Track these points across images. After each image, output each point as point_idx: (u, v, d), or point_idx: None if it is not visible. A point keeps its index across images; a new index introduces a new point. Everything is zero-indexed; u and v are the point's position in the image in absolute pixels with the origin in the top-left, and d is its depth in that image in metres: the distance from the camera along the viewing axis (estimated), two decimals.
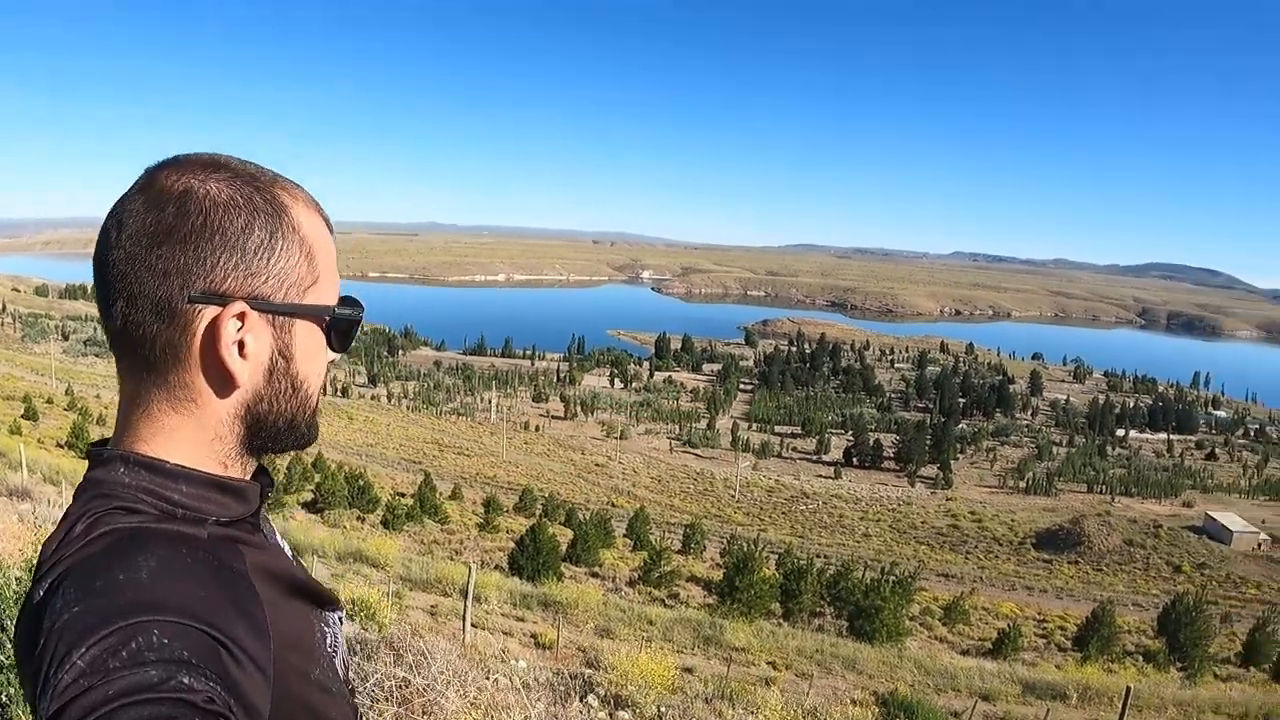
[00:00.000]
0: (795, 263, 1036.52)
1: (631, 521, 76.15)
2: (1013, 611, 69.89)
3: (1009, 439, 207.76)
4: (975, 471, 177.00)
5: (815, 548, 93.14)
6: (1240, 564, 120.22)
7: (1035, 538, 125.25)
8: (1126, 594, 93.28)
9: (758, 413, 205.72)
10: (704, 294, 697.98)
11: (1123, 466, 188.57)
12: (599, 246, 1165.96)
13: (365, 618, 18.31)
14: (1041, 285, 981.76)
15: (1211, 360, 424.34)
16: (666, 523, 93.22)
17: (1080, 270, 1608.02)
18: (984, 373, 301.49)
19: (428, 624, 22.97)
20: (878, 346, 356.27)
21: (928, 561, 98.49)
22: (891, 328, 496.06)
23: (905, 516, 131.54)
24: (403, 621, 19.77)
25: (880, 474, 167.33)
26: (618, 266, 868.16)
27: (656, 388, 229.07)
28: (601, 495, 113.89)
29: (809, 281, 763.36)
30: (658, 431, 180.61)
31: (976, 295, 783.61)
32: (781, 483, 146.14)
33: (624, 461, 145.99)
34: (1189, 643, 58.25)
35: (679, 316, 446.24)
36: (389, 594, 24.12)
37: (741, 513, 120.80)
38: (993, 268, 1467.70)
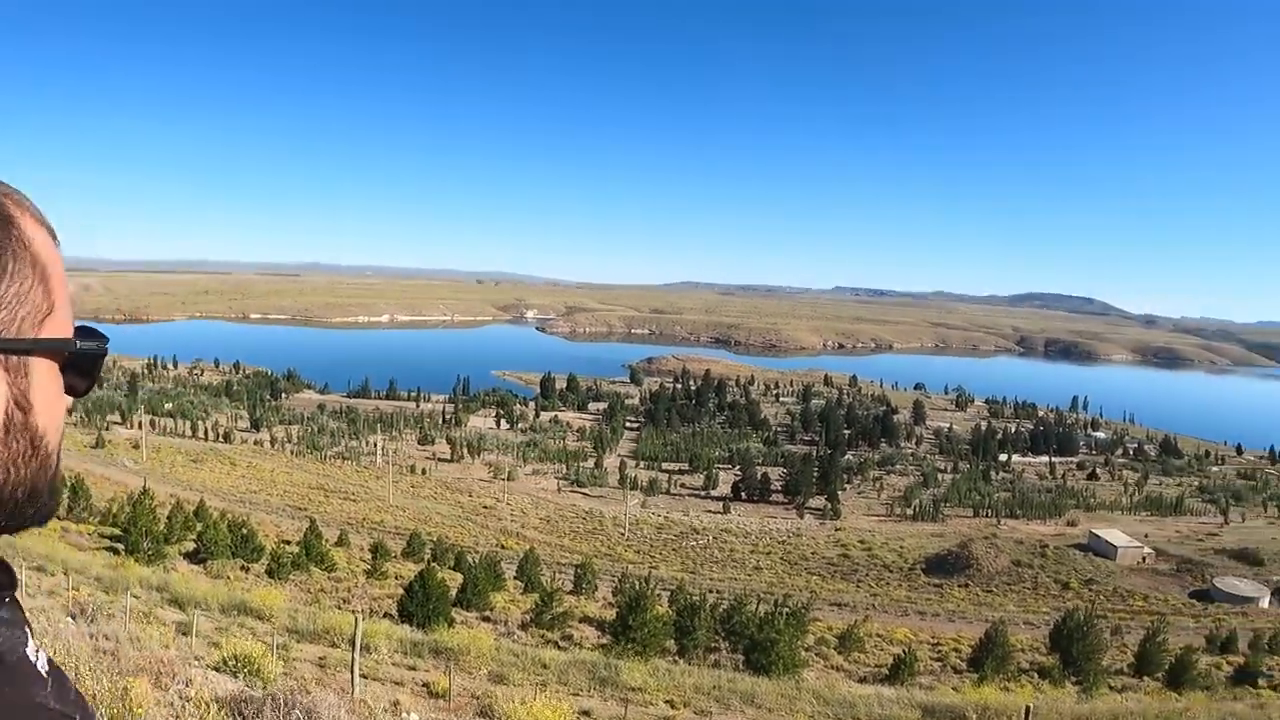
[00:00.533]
0: (679, 300, 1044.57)
1: (522, 563, 75.47)
2: (907, 637, 70.41)
3: (895, 468, 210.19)
4: (863, 501, 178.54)
5: (707, 583, 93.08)
6: (1126, 578, 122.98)
7: (925, 563, 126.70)
8: (1017, 613, 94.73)
9: (645, 450, 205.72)
10: (589, 333, 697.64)
11: (1007, 490, 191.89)
12: (483, 286, 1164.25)
13: (249, 673, 17.63)
14: (922, 317, 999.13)
15: (1089, 384, 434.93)
16: (557, 563, 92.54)
17: (960, 302, 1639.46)
18: (868, 404, 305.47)
19: (316, 677, 22.30)
20: (762, 381, 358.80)
21: (820, 591, 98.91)
22: (776, 362, 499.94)
23: (796, 548, 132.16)
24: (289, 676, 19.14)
25: (769, 507, 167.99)
26: (502, 306, 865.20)
27: (543, 428, 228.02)
28: (490, 537, 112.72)
29: (693, 319, 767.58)
30: (545, 472, 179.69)
31: (859, 328, 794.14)
32: (671, 519, 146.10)
33: (512, 503, 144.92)
34: (1082, 657, 59.31)
35: (564, 356, 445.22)
36: (274, 647, 23.34)
37: (632, 551, 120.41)
38: (874, 301, 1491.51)
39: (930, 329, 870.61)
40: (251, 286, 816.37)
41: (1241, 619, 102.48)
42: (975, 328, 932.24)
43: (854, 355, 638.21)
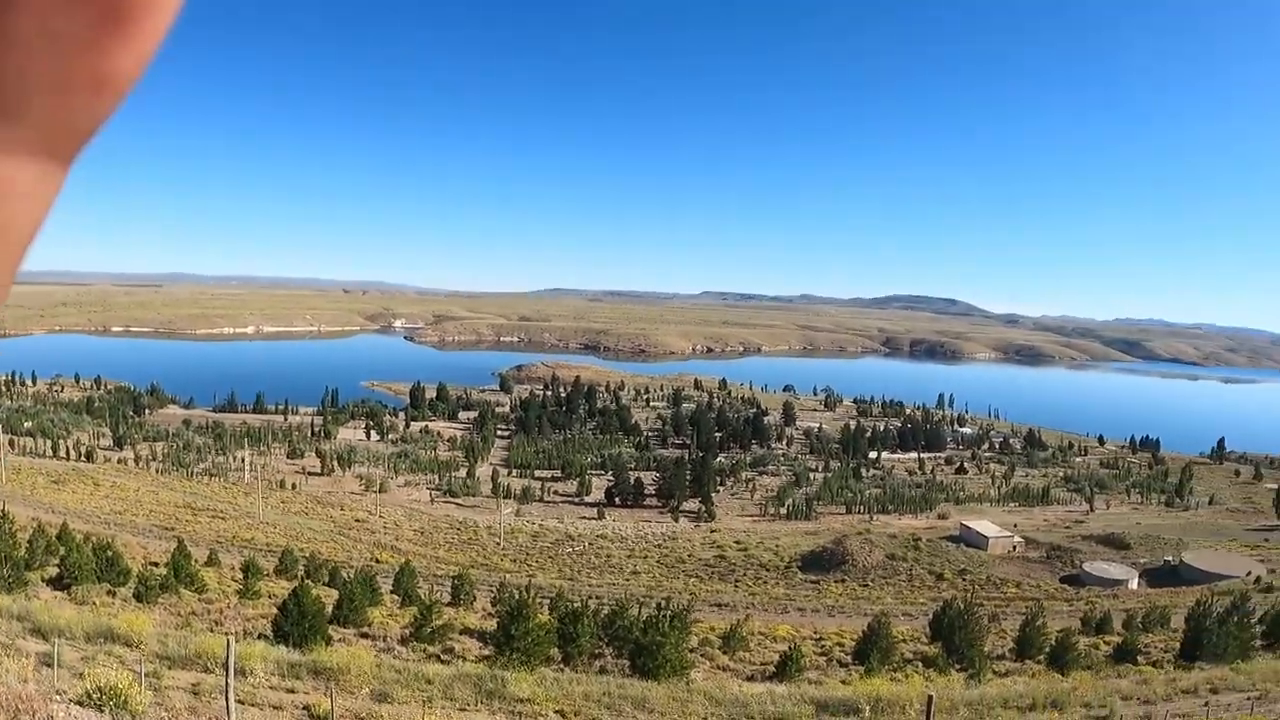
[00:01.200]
0: (548, 307, 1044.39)
1: (398, 577, 73.91)
2: (790, 633, 70.52)
3: (767, 469, 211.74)
4: (737, 502, 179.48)
5: (586, 589, 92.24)
6: (998, 566, 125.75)
7: (801, 560, 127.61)
8: (896, 605, 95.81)
9: (517, 458, 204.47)
10: (458, 341, 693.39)
11: (878, 486, 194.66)
12: (350, 296, 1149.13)
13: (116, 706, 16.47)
14: (790, 320, 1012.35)
15: (954, 382, 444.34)
16: (434, 575, 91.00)
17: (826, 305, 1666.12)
18: (738, 407, 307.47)
19: (189, 705, 21.11)
20: (633, 386, 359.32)
21: (699, 593, 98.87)
22: (645, 368, 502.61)
23: (672, 551, 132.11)
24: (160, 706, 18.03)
25: (643, 511, 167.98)
26: (370, 316, 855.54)
27: (414, 438, 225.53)
28: (364, 551, 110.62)
29: (562, 325, 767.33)
30: (418, 483, 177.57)
31: (727, 332, 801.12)
32: (546, 527, 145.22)
33: (385, 515, 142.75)
34: (964, 644, 60.05)
35: (433, 365, 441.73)
36: (143, 676, 22.05)
37: (508, 560, 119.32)
38: (742, 305, 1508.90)
39: (798, 332, 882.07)
40: (112, 298, 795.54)
41: (1113, 601, 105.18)
42: (842, 330, 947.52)
43: (723, 359, 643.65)
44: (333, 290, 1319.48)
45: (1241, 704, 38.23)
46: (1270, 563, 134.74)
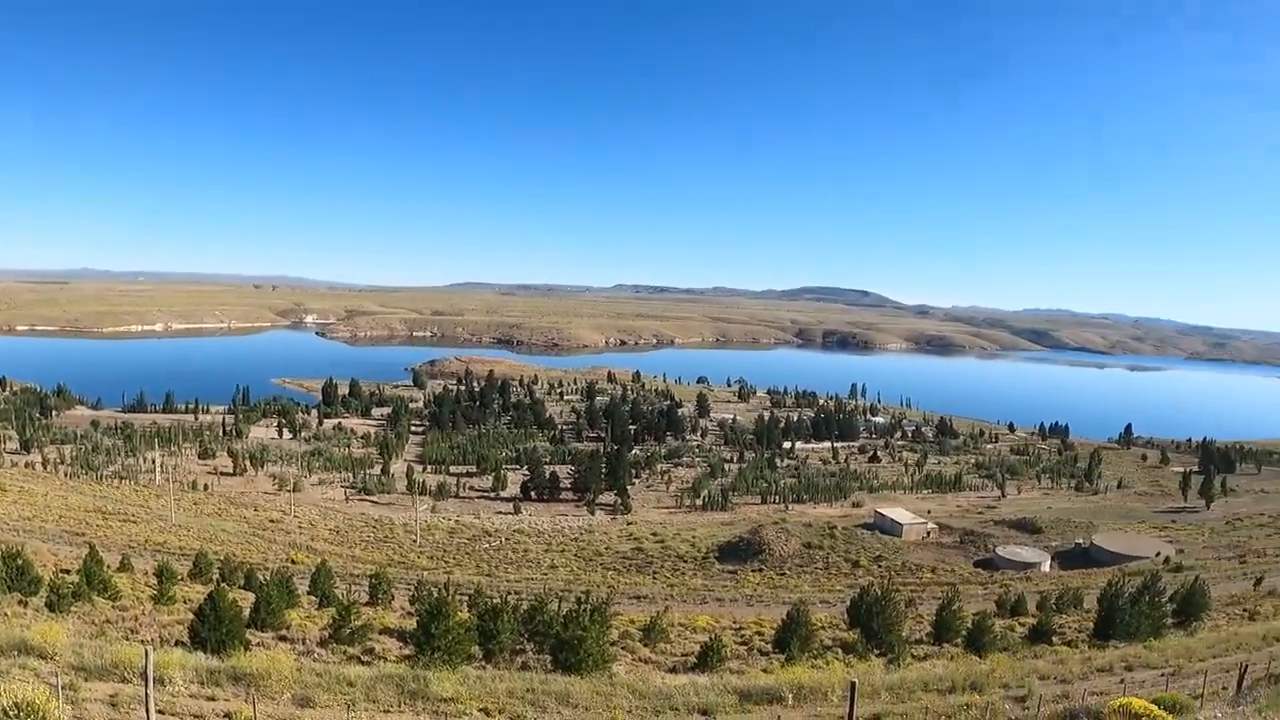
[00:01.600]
0: (460, 301, 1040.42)
1: (314, 577, 73.08)
2: (709, 624, 70.77)
3: (682, 460, 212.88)
4: (653, 494, 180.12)
5: (505, 585, 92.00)
6: (913, 552, 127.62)
7: (718, 551, 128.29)
8: (813, 593, 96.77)
9: (432, 454, 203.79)
10: (370, 336, 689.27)
11: (793, 476, 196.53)
12: (260, 291, 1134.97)
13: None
14: (703, 312, 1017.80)
15: (866, 372, 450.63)
16: (351, 575, 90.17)
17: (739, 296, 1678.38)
18: (652, 399, 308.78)
19: (108, 717, 20.70)
20: (546, 380, 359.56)
21: (618, 586, 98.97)
22: (559, 361, 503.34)
23: (589, 544, 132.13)
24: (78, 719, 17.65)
25: (560, 505, 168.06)
26: (280, 311, 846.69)
27: (327, 435, 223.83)
28: (280, 552, 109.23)
29: (475, 319, 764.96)
30: (332, 481, 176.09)
31: (640, 325, 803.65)
32: (462, 523, 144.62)
33: (300, 515, 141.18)
34: (883, 630, 60.84)
35: (346, 361, 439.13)
36: (59, 689, 21.53)
37: (425, 557, 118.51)
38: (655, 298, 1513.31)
39: (711, 324, 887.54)
40: (15, 296, 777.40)
41: (1026, 583, 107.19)
42: (755, 321, 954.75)
43: (636, 351, 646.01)
44: (243, 286, 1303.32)
45: (1156, 680, 39.07)
46: (1178, 543, 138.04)
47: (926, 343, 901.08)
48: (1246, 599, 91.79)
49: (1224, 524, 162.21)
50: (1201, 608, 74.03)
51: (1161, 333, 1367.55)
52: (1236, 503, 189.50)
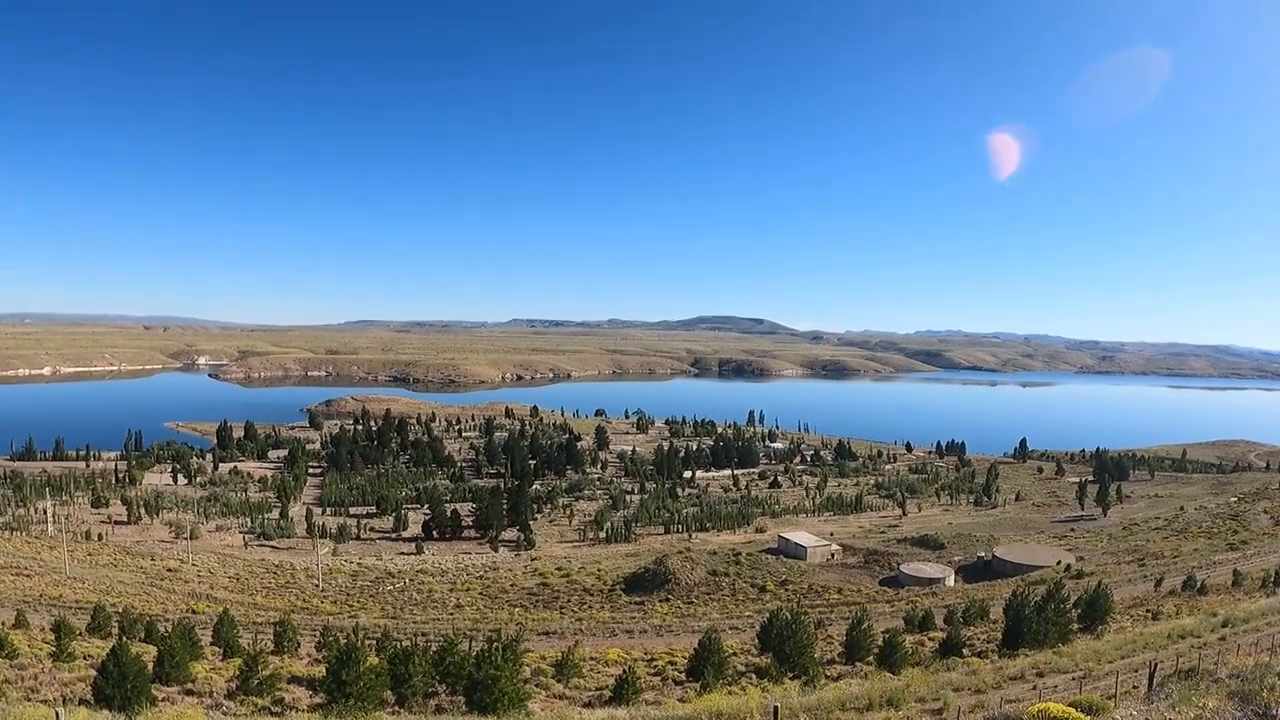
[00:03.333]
0: (355, 339, 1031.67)
1: (217, 627, 71.66)
2: (621, 656, 70.45)
3: (583, 493, 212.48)
4: (556, 529, 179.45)
5: (412, 627, 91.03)
6: (819, 574, 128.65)
7: (624, 582, 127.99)
8: (722, 620, 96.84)
9: (330, 496, 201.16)
10: (264, 378, 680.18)
11: (695, 505, 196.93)
12: (151, 332, 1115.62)
13: None
14: (599, 345, 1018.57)
15: (763, 399, 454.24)
16: (254, 623, 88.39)
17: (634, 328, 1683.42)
18: (551, 433, 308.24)
19: None
20: (444, 418, 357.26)
21: (526, 623, 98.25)
22: (456, 398, 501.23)
23: (494, 582, 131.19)
24: None
25: (462, 543, 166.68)
26: (172, 353, 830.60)
27: (223, 480, 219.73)
28: (180, 602, 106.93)
29: (370, 358, 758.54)
30: (230, 527, 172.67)
31: (537, 359, 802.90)
32: (365, 565, 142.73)
33: (199, 563, 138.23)
34: (795, 652, 61.06)
35: (240, 403, 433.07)
36: None
37: (329, 602, 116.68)
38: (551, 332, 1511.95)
39: (607, 356, 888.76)
40: None
41: (932, 598, 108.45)
42: (651, 352, 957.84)
43: (534, 386, 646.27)
44: (133, 327, 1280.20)
45: (1068, 684, 39.73)
46: (1078, 551, 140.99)
47: (822, 368, 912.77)
48: (1149, 600, 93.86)
49: (1121, 529, 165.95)
50: (1106, 611, 75.50)
51: (1051, 349, 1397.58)
52: (1132, 508, 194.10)
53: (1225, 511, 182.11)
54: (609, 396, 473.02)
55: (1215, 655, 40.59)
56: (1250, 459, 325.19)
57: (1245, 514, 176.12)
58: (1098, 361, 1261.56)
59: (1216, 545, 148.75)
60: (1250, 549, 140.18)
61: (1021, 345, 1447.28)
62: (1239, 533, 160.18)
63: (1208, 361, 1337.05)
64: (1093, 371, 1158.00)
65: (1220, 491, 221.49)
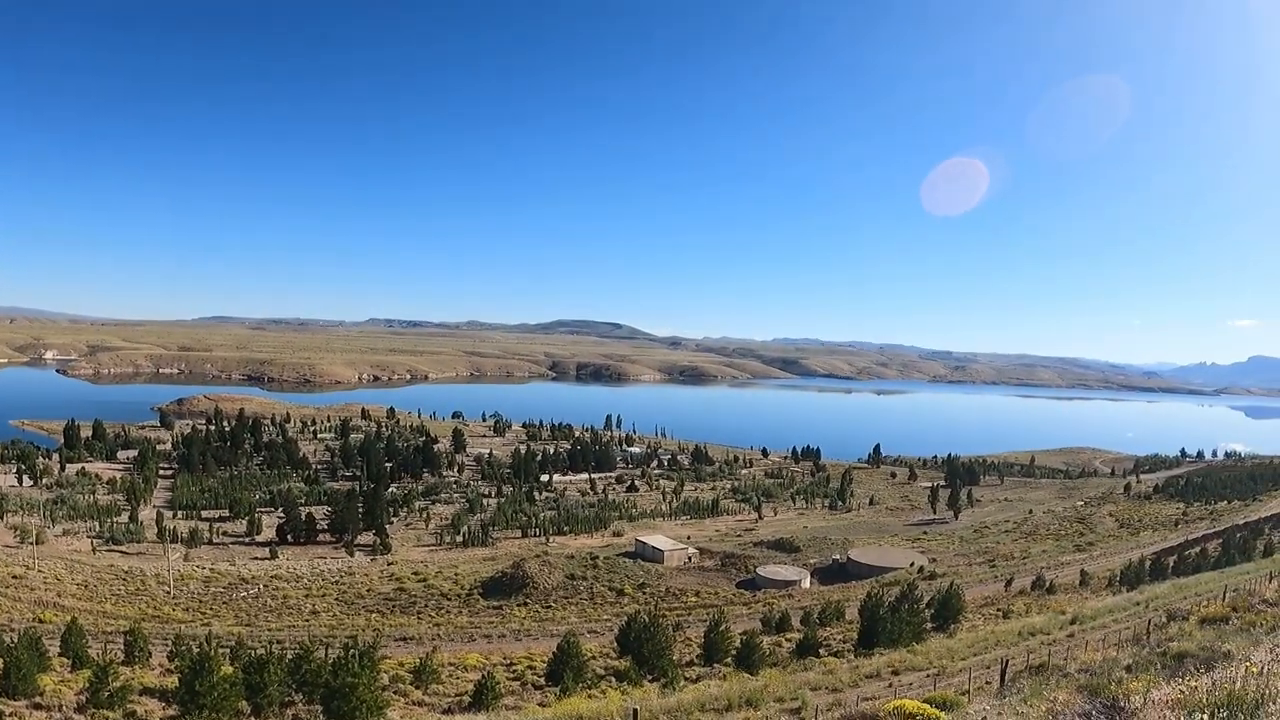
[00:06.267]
0: (209, 336, 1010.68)
1: (65, 637, 69.77)
2: (480, 661, 70.54)
3: (440, 497, 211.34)
4: (412, 533, 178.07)
5: (267, 634, 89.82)
6: (676, 578, 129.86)
7: (482, 587, 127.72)
8: (581, 624, 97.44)
9: (182, 499, 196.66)
10: (114, 374, 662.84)
11: (552, 509, 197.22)
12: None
13: None
14: (457, 347, 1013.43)
15: (621, 403, 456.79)
16: (104, 632, 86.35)
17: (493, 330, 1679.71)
18: (408, 435, 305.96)
19: None
20: (299, 418, 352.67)
21: (383, 629, 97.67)
22: (312, 398, 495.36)
23: (350, 587, 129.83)
24: None
25: (317, 548, 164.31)
26: (18, 347, 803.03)
27: (70, 481, 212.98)
28: (25, 611, 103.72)
29: (224, 355, 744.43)
30: (78, 531, 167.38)
31: (394, 360, 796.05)
32: (217, 571, 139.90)
33: (45, 569, 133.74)
34: (653, 655, 61.78)
35: (89, 400, 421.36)
36: None
37: (181, 609, 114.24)
38: (409, 332, 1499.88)
39: (465, 358, 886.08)
40: None
41: (789, 600, 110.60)
42: (509, 355, 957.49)
43: (390, 387, 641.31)
44: None
45: (923, 681, 40.83)
46: (931, 553, 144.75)
47: (679, 373, 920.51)
48: (999, 599, 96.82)
49: (972, 532, 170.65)
50: (958, 611, 77.73)
51: (905, 358, 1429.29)
52: (982, 512, 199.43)
53: (1072, 515, 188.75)
54: (466, 399, 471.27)
55: (1065, 651, 42.07)
56: (1096, 465, 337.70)
57: (1091, 517, 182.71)
58: (950, 371, 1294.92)
59: (1064, 547, 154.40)
60: (1096, 550, 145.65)
61: (877, 354, 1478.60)
62: (1085, 535, 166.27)
63: (1056, 373, 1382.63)
64: (946, 381, 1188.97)
65: (1067, 496, 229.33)
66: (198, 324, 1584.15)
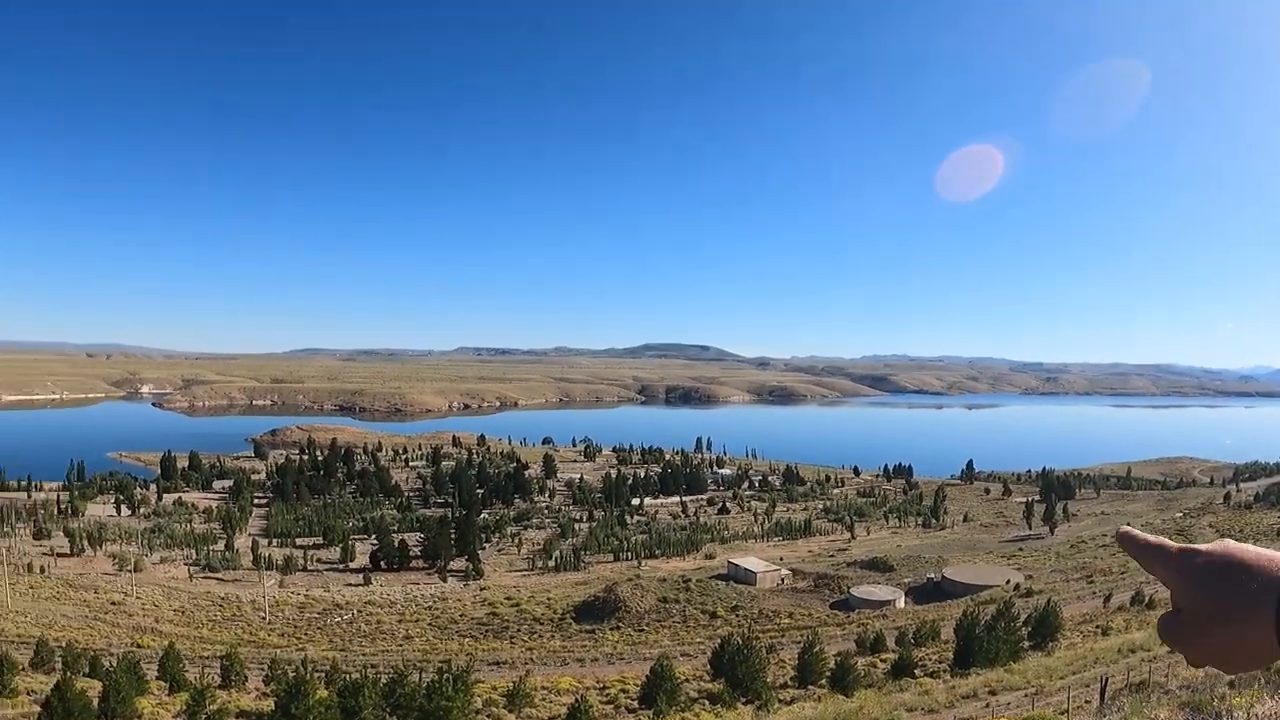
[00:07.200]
0: (300, 368, 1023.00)
1: (163, 661, 70.63)
2: (573, 685, 70.16)
3: (531, 522, 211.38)
4: (504, 558, 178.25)
5: (361, 659, 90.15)
6: (768, 599, 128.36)
7: (574, 611, 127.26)
8: (673, 646, 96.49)
9: (276, 527, 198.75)
10: (209, 406, 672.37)
11: (643, 532, 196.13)
12: (94, 360, 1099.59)
13: None
14: (545, 373, 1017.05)
15: (711, 426, 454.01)
16: (200, 656, 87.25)
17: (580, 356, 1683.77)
18: (498, 462, 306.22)
19: None
20: (390, 447, 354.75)
21: (476, 653, 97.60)
22: (402, 427, 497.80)
23: (443, 612, 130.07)
24: None
25: (410, 574, 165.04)
26: (115, 381, 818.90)
27: (167, 511, 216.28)
28: (124, 636, 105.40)
29: (316, 386, 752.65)
30: (174, 558, 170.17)
31: (484, 388, 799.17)
32: (312, 597, 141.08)
33: (143, 596, 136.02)
34: (747, 678, 61.07)
35: (184, 432, 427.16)
36: None
37: (276, 634, 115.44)
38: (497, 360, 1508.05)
39: (553, 384, 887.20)
40: None
41: (883, 620, 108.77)
42: (597, 380, 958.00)
43: (480, 415, 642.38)
44: (75, 354, 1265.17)
45: (1020, 701, 39.90)
46: (1027, 570, 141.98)
47: (768, 393, 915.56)
48: (1098, 616, 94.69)
49: (1069, 547, 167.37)
50: (1056, 628, 76.12)
51: (996, 371, 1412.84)
52: (1079, 526, 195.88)
53: (1171, 527, 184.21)
54: (556, 425, 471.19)
55: (1165, 668, 40.91)
56: (1194, 475, 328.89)
57: (1190, 529, 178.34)
58: (1042, 383, 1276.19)
59: None
60: None
61: (967, 368, 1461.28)
62: None
63: (1150, 380, 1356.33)
64: (1037, 393, 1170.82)
65: (1166, 508, 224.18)
66: (289, 356, 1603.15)
